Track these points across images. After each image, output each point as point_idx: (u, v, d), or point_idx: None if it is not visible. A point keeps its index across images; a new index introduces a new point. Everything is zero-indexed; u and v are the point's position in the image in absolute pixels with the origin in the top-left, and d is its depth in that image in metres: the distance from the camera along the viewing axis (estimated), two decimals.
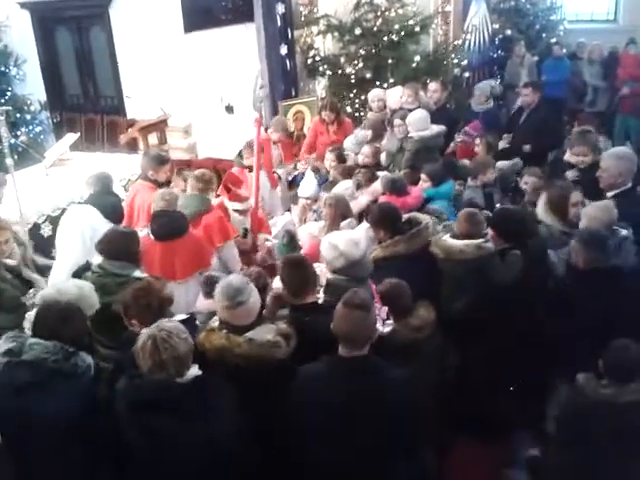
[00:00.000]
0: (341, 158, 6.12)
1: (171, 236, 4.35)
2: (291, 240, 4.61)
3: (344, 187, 5.15)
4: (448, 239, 3.98)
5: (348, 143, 6.66)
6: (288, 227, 5.15)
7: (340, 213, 4.59)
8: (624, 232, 3.98)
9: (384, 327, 3.32)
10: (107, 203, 5.00)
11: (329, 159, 6.14)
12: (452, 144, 6.97)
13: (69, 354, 2.87)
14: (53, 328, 2.91)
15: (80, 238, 4.73)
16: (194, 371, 2.67)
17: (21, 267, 4.27)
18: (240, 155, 6.20)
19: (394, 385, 2.75)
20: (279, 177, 6.71)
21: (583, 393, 3.06)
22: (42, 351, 2.84)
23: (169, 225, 4.36)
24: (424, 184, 5.33)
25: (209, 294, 3.72)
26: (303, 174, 6.60)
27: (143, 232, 4.48)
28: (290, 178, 7.01)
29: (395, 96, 6.98)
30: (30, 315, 3.29)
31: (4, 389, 2.82)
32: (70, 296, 3.19)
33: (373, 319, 2.84)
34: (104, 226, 4.56)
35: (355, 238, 3.63)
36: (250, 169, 5.95)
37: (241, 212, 5.29)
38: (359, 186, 5.26)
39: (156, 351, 2.57)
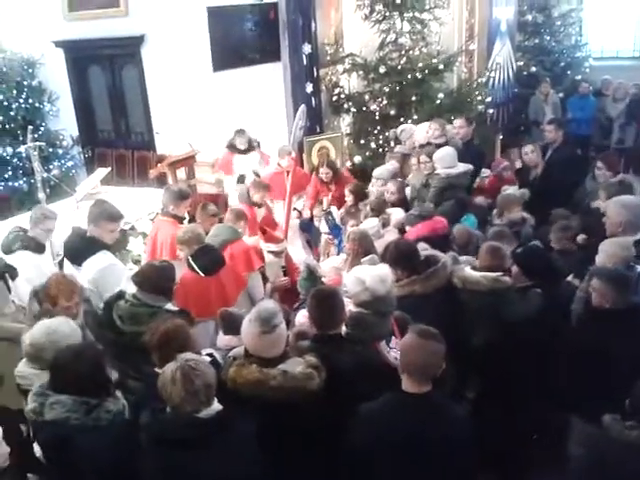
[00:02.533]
0: (360, 195, 6.18)
1: (218, 268, 4.52)
2: (311, 274, 4.63)
3: (370, 225, 5.15)
4: (467, 270, 4.01)
5: (379, 172, 6.68)
6: (307, 261, 5.19)
7: (363, 249, 4.61)
8: (639, 268, 3.94)
9: None
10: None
11: (349, 199, 6.21)
12: (477, 179, 6.99)
13: (91, 408, 2.87)
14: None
15: None
16: (216, 406, 2.68)
17: None
18: (248, 192, 6.28)
19: (459, 422, 2.77)
20: (298, 211, 6.78)
21: (608, 435, 3.00)
22: (62, 411, 2.85)
23: (215, 258, 4.52)
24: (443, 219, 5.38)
25: (228, 330, 3.75)
26: (310, 220, 6.68)
27: None
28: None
29: (422, 131, 7.03)
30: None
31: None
32: (65, 330, 3.28)
33: (441, 350, 2.80)
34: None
35: (382, 274, 3.60)
36: (258, 205, 6.10)
37: (276, 254, 5.37)
38: (385, 225, 5.27)
39: (188, 380, 2.58)
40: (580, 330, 3.72)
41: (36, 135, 8.80)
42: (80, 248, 4.65)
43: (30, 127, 6.28)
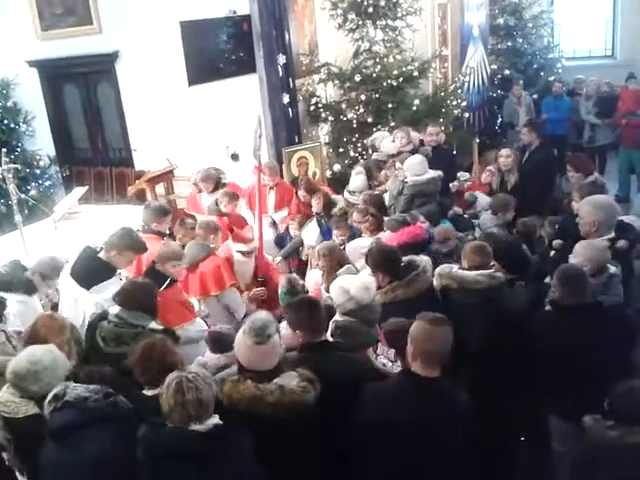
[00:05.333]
0: (329, 204, 6.27)
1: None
2: (292, 287, 4.60)
3: (356, 245, 5.11)
4: (459, 271, 4.05)
5: (355, 185, 6.73)
6: (288, 275, 5.19)
7: (335, 262, 4.60)
8: (613, 269, 4.00)
9: (394, 368, 3.34)
10: None
11: (315, 205, 6.27)
12: (456, 183, 7.04)
13: (109, 394, 2.93)
14: None
15: None
16: (214, 420, 2.67)
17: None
18: (216, 203, 6.31)
19: (463, 407, 2.88)
20: (274, 223, 6.79)
21: (590, 435, 3.04)
22: (83, 391, 2.90)
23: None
24: (422, 225, 5.40)
25: (216, 349, 3.73)
26: (285, 234, 6.68)
27: None
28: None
29: (389, 143, 7.10)
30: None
31: (49, 436, 2.87)
32: (45, 362, 3.20)
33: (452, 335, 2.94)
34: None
35: (366, 283, 3.67)
36: (226, 216, 6.13)
37: (245, 254, 5.32)
38: None
39: (180, 390, 2.59)
40: (538, 325, 3.78)
41: (12, 156, 8.74)
42: (94, 272, 4.50)
43: (4, 150, 6.20)
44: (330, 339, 3.45)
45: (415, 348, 2.87)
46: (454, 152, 7.70)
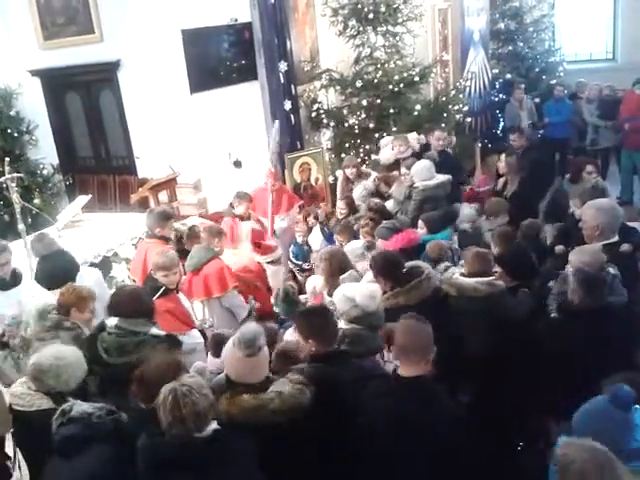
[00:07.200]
0: (352, 206, 6.33)
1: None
2: (287, 296, 4.57)
3: (352, 247, 5.13)
4: (459, 278, 4.04)
5: (357, 194, 6.76)
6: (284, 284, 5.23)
7: (336, 267, 4.58)
8: (612, 270, 4.00)
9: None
10: None
11: (340, 208, 6.28)
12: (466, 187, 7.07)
13: (112, 411, 2.97)
14: None
15: None
16: (213, 426, 2.66)
17: None
18: (231, 205, 6.45)
19: (445, 405, 2.85)
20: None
21: None
22: (88, 408, 2.93)
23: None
24: (420, 230, 5.40)
25: (218, 353, 3.72)
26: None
27: None
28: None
29: (387, 152, 7.12)
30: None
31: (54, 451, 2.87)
32: (70, 359, 3.26)
33: (431, 333, 2.93)
34: None
35: (371, 291, 3.66)
36: (241, 218, 6.29)
37: (274, 262, 5.64)
38: (369, 248, 5.09)
39: (176, 406, 2.58)
40: (547, 332, 3.77)
41: (16, 165, 8.74)
42: (66, 269, 4.83)
43: (7, 159, 6.22)
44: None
45: (395, 346, 2.94)
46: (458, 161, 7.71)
